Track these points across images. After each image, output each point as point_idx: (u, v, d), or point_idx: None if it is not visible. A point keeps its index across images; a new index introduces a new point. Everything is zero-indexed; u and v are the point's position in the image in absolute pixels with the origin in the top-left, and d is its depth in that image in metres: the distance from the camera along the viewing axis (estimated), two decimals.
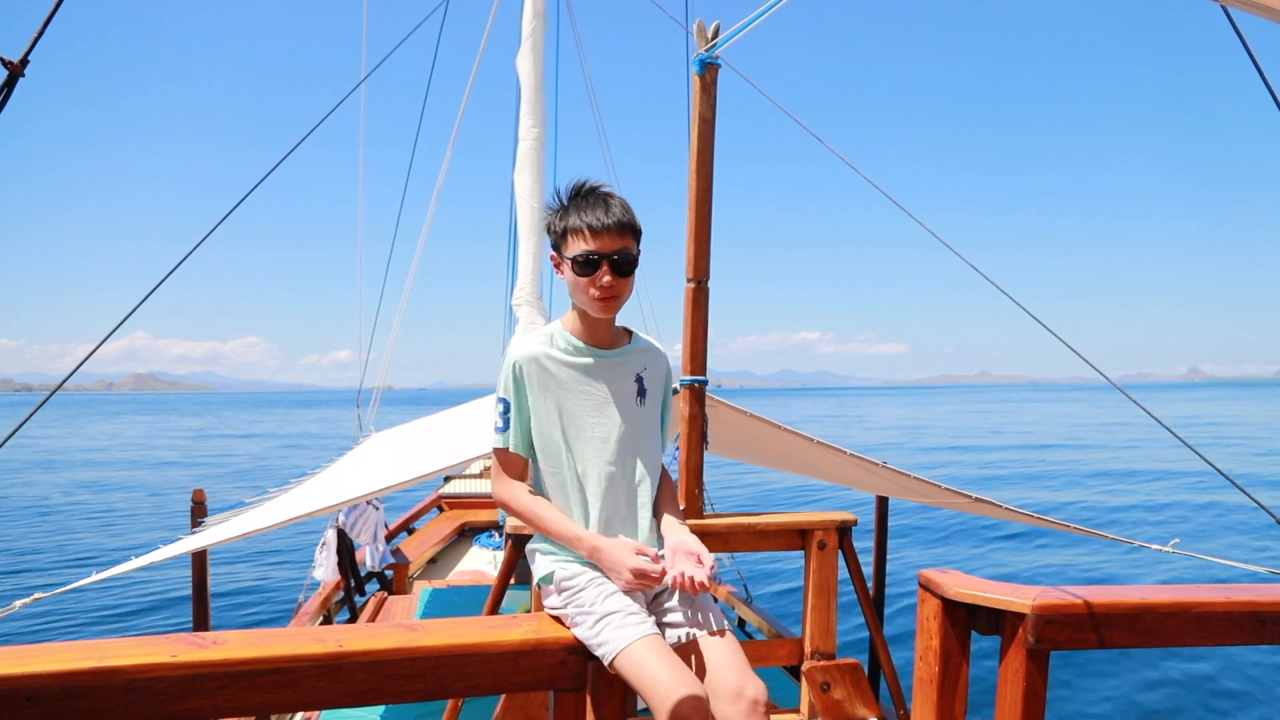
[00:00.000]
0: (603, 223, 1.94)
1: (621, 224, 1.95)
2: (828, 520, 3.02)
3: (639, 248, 2.03)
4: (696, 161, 2.89)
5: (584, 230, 1.95)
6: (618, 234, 1.95)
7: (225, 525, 3.82)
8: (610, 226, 1.94)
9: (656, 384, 2.16)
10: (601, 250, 1.94)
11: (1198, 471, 21.82)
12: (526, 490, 2.06)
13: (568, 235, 1.99)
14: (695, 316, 2.93)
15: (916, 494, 4.17)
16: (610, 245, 1.94)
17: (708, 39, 2.81)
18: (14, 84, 1.74)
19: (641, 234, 2.03)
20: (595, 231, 1.94)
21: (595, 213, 1.95)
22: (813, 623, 3.05)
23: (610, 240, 1.94)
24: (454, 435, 4.71)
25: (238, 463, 30.14)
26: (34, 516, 17.04)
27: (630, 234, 1.98)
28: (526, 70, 5.67)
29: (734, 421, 3.88)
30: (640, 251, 2.04)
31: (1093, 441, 34.39)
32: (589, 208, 1.96)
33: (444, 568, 8.21)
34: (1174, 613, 1.97)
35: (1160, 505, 17.49)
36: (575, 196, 2.01)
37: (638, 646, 1.78)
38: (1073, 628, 1.95)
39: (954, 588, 2.09)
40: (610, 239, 1.94)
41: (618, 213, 1.96)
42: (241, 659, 1.60)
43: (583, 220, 1.95)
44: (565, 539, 1.99)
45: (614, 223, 1.94)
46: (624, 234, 1.96)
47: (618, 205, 1.98)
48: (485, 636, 1.78)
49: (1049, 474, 23.47)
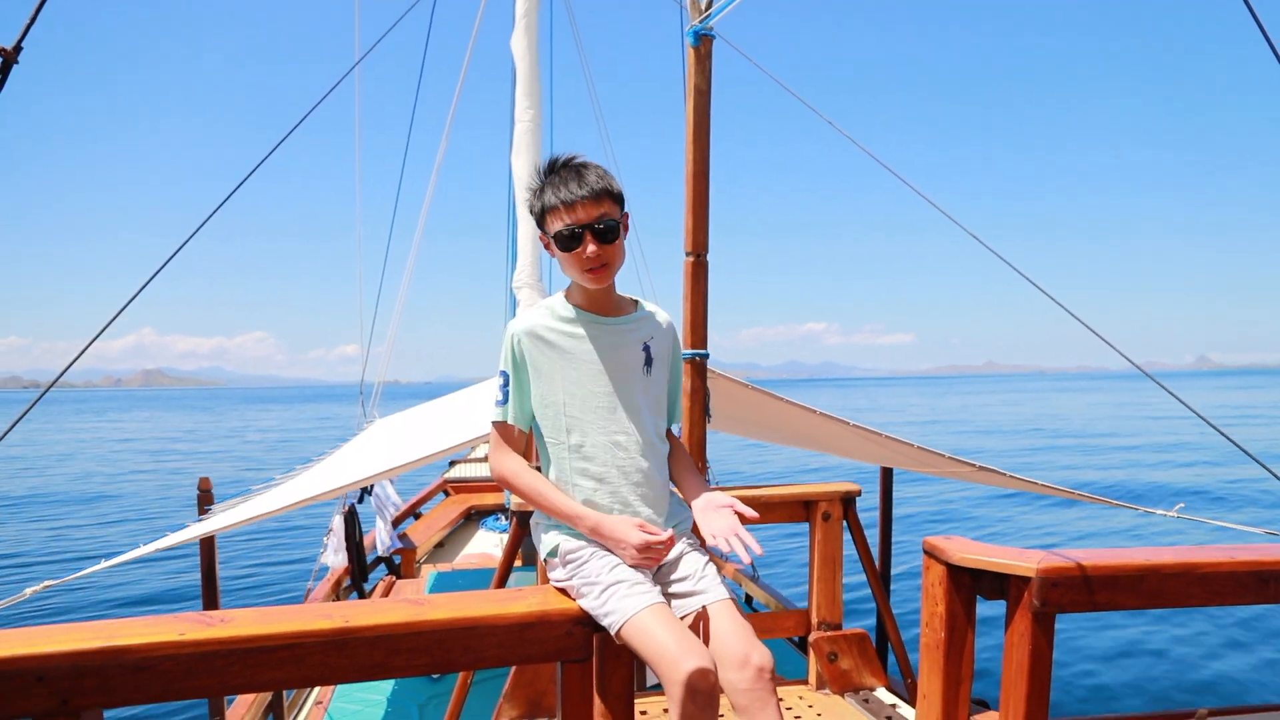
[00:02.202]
0: (576, 195, 1.91)
1: (596, 191, 1.93)
2: (831, 491, 3.02)
3: (624, 211, 2.00)
4: (693, 134, 2.87)
5: (559, 206, 1.93)
6: (594, 202, 1.92)
7: (232, 511, 3.84)
8: (585, 197, 1.92)
9: (664, 353, 2.13)
10: (580, 222, 1.92)
11: (1215, 449, 21.87)
12: (527, 466, 2.06)
13: (546, 214, 1.97)
14: (695, 290, 2.93)
15: (920, 464, 4.18)
16: (589, 215, 1.92)
17: (701, 10, 2.79)
18: (9, 70, 1.73)
19: (623, 198, 2.01)
20: (569, 205, 1.92)
21: (569, 186, 1.93)
22: (819, 594, 3.06)
23: (588, 210, 1.92)
24: (458, 417, 4.72)
25: (243, 452, 30.27)
26: (42, 508, 17.16)
27: (609, 199, 1.95)
28: (521, 52, 5.63)
29: (735, 394, 3.88)
30: (627, 215, 2.02)
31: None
32: (562, 182, 1.94)
33: (451, 551, 8.25)
34: (1178, 573, 1.98)
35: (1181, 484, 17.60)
36: (550, 173, 1.99)
37: (644, 615, 1.78)
38: (1077, 590, 1.95)
39: (958, 553, 2.10)
40: (588, 208, 1.92)
41: (591, 181, 1.93)
42: (249, 635, 1.61)
43: (557, 196, 1.93)
44: (566, 517, 1.99)
45: (588, 192, 1.92)
46: (600, 200, 1.93)
47: (592, 173, 1.95)
48: (491, 609, 1.79)
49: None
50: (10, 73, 1.73)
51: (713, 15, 2.77)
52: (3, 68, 1.69)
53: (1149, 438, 30.12)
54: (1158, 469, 20.80)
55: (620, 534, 1.92)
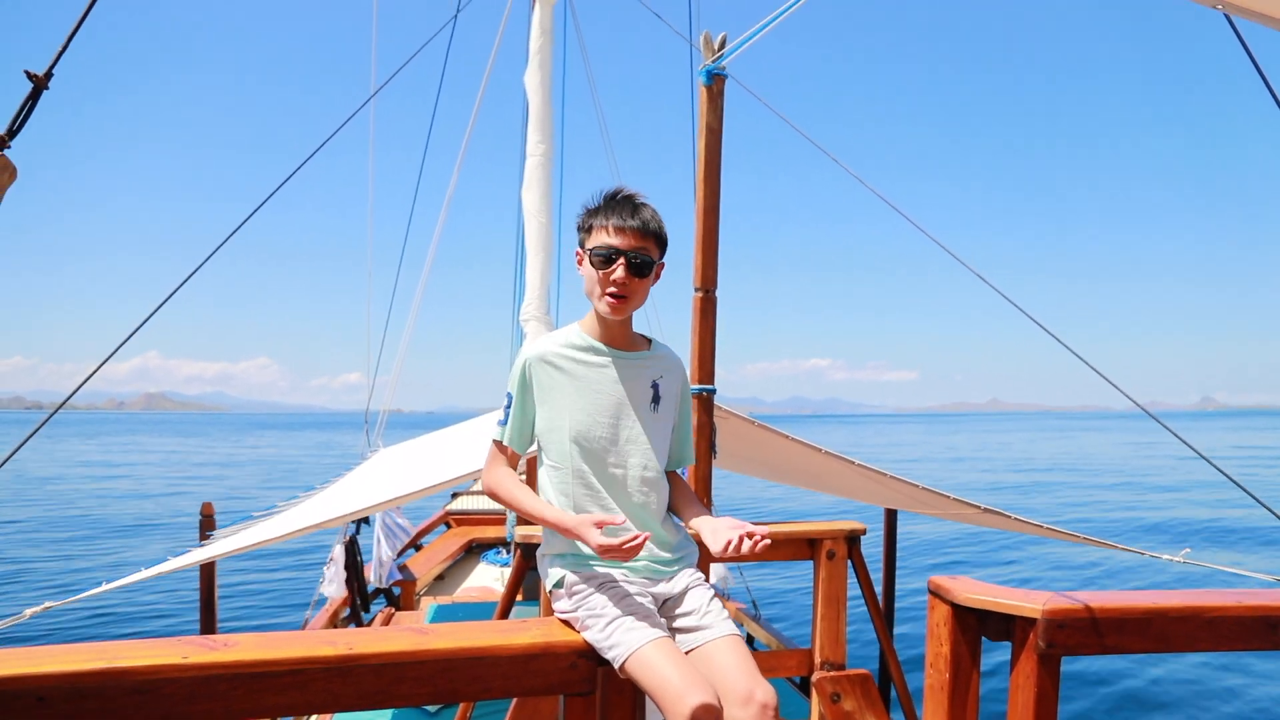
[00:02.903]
0: (627, 223, 1.98)
1: (646, 227, 2.00)
2: (837, 529, 3.01)
3: (661, 260, 2.06)
4: (704, 172, 2.91)
5: (608, 226, 1.99)
6: (640, 235, 1.99)
7: (233, 537, 3.83)
8: (635, 228, 1.98)
9: (672, 393, 2.16)
10: (621, 247, 1.98)
11: (1218, 487, 21.71)
12: (514, 478, 2.09)
13: (593, 229, 2.03)
14: (703, 326, 2.94)
15: (925, 505, 4.16)
16: (630, 243, 1.98)
17: (714, 50, 2.83)
18: (38, 97, 1.76)
19: (666, 245, 2.07)
20: (619, 228, 1.98)
21: (623, 213, 2.00)
22: (822, 633, 3.03)
23: (632, 239, 1.98)
24: (462, 449, 4.71)
25: (244, 478, 30.19)
26: (44, 529, 17.10)
27: (654, 240, 2.02)
28: (534, 87, 5.70)
29: (742, 432, 3.88)
30: (663, 264, 2.07)
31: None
32: (619, 207, 2.01)
33: (451, 584, 8.19)
34: (1185, 617, 1.97)
35: (1184, 522, 17.47)
36: (610, 198, 2.06)
37: (649, 649, 1.77)
38: (1084, 632, 1.94)
39: (964, 593, 2.09)
40: (632, 238, 1.98)
41: (646, 217, 2.01)
42: (253, 660, 1.61)
43: (609, 218, 2.00)
44: (540, 519, 1.99)
45: (640, 224, 1.99)
46: (646, 237, 2.00)
47: (648, 212, 2.03)
48: (495, 640, 1.79)
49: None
50: (40, 99, 1.76)
51: (725, 55, 2.82)
52: (33, 94, 1.72)
53: (1156, 477, 29.94)
54: (1162, 509, 20.65)
55: (578, 534, 1.89)
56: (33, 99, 1.71)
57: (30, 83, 1.70)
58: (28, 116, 1.69)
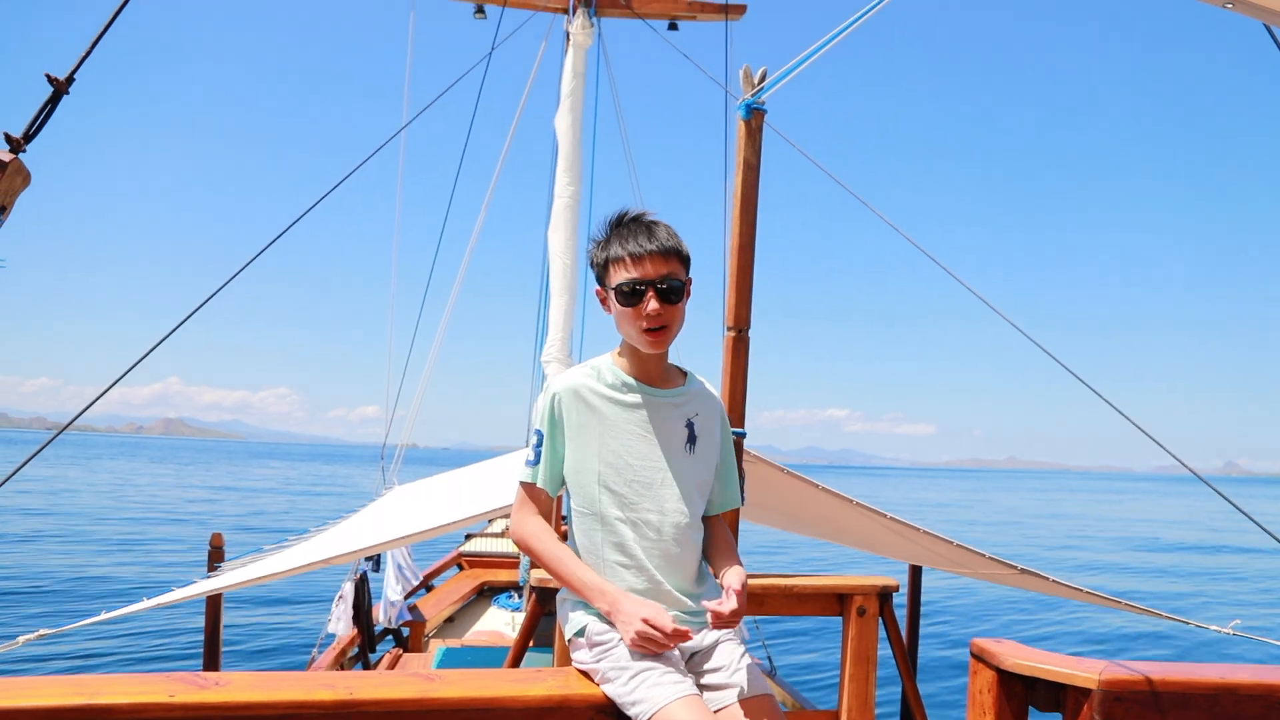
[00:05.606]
0: (644, 249, 1.85)
1: (665, 248, 1.87)
2: (869, 585, 2.86)
3: (689, 275, 1.94)
4: (740, 208, 2.83)
5: (625, 259, 1.87)
6: (662, 259, 1.86)
7: (241, 570, 3.73)
8: (654, 252, 1.86)
9: (710, 432, 2.03)
10: (645, 277, 1.85)
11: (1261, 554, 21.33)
12: (550, 531, 1.94)
13: (610, 266, 1.91)
14: (735, 367, 2.84)
15: (958, 564, 4.00)
16: (655, 271, 1.86)
17: (754, 84, 2.77)
18: (58, 101, 1.71)
19: (690, 261, 1.95)
20: (637, 258, 1.86)
21: (637, 239, 1.87)
22: (850, 694, 2.87)
23: (655, 265, 1.86)
24: (477, 489, 4.61)
25: (255, 511, 30.10)
26: (46, 553, 17.03)
27: (677, 259, 1.90)
28: (564, 130, 5.69)
29: (769, 480, 3.75)
30: (691, 280, 1.95)
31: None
32: (630, 235, 1.89)
33: (461, 627, 8.02)
34: (1257, 695, 1.81)
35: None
36: (617, 226, 1.94)
37: (676, 707, 1.64)
38: (1145, 706, 1.79)
39: (1011, 658, 1.95)
40: (655, 264, 1.86)
41: (661, 237, 1.88)
42: (244, 702, 1.49)
43: (624, 249, 1.87)
44: (586, 590, 1.84)
45: (657, 248, 1.86)
46: (669, 258, 1.88)
47: (662, 230, 1.90)
48: (507, 690, 1.67)
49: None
50: (60, 103, 1.70)
51: (765, 89, 2.75)
52: (52, 98, 1.67)
53: (1194, 539, 29.44)
54: (1203, 577, 20.18)
55: (630, 611, 1.76)
56: (52, 103, 1.65)
57: (50, 86, 1.64)
58: (45, 121, 1.63)
